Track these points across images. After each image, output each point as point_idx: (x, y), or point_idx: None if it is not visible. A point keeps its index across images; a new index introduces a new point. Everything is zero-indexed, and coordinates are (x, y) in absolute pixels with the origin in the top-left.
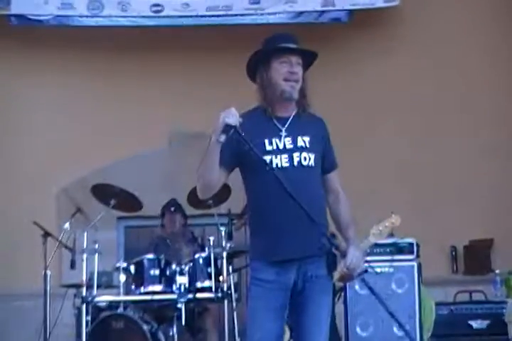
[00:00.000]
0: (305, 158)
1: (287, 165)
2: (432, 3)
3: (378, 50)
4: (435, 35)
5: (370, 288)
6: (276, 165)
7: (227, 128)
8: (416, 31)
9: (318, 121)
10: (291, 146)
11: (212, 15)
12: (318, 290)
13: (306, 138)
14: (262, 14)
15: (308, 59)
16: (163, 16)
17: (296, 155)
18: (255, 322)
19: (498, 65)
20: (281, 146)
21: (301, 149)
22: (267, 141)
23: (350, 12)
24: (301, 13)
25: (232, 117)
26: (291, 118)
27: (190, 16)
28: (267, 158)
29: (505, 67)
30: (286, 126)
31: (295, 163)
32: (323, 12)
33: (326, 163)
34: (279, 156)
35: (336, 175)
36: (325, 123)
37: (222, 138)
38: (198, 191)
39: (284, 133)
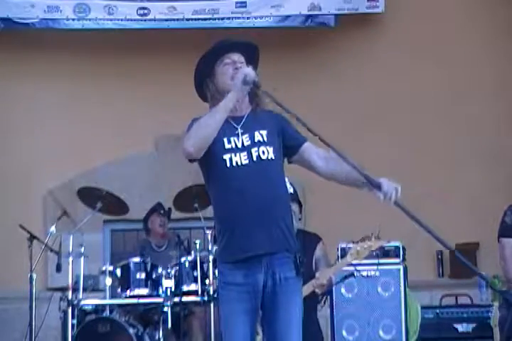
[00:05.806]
0: (263, 152)
1: (247, 161)
2: (415, 8)
3: (365, 53)
4: (420, 38)
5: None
6: (236, 162)
7: (247, 80)
8: (401, 35)
9: (276, 115)
10: (249, 143)
11: (199, 19)
12: (288, 293)
13: (264, 132)
14: (248, 18)
15: (250, 54)
16: (150, 19)
17: (254, 150)
18: (228, 327)
19: (484, 66)
20: (239, 145)
21: (259, 144)
22: (225, 140)
23: (337, 16)
24: (287, 16)
25: (251, 72)
26: (245, 116)
27: (177, 19)
28: (227, 156)
29: (490, 69)
30: (241, 123)
31: (254, 158)
32: (309, 16)
33: (292, 140)
34: (238, 154)
35: (311, 143)
36: (283, 116)
37: (245, 88)
38: (191, 144)
39: (240, 131)
